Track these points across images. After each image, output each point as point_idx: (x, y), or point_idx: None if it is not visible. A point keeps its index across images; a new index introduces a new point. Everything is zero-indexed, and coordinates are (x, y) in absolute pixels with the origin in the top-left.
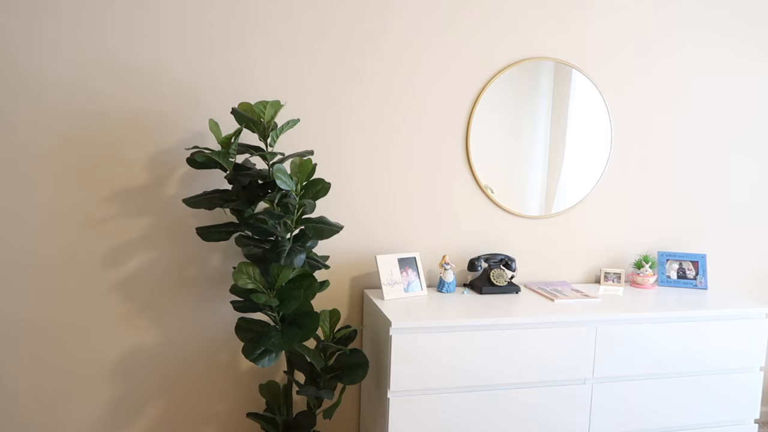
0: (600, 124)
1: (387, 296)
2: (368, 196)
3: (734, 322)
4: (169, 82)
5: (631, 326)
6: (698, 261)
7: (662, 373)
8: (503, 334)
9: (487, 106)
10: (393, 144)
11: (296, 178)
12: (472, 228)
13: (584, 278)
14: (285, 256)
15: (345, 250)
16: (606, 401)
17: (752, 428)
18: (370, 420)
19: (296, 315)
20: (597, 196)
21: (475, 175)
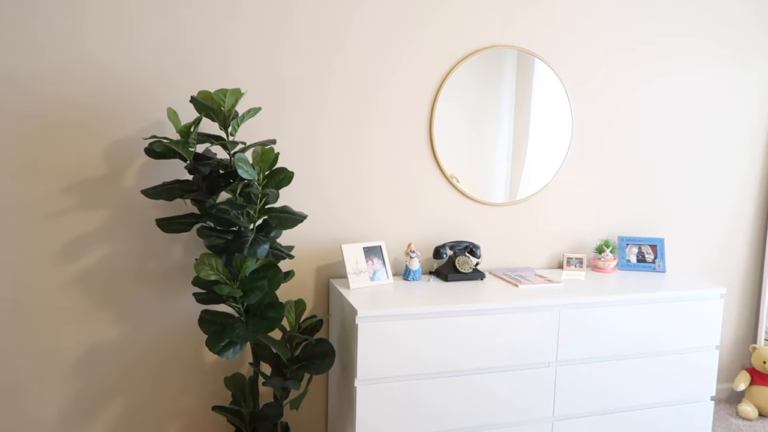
0: (561, 113)
1: (353, 285)
2: (333, 186)
3: (691, 303)
4: (125, 71)
5: (593, 309)
6: (657, 245)
7: (623, 355)
8: (469, 320)
9: (450, 96)
10: (357, 133)
11: (258, 167)
12: (437, 216)
13: (548, 264)
14: (248, 247)
15: (310, 240)
16: (569, 383)
17: (709, 405)
18: (337, 409)
19: (261, 306)
20: (559, 183)
21: (440, 164)
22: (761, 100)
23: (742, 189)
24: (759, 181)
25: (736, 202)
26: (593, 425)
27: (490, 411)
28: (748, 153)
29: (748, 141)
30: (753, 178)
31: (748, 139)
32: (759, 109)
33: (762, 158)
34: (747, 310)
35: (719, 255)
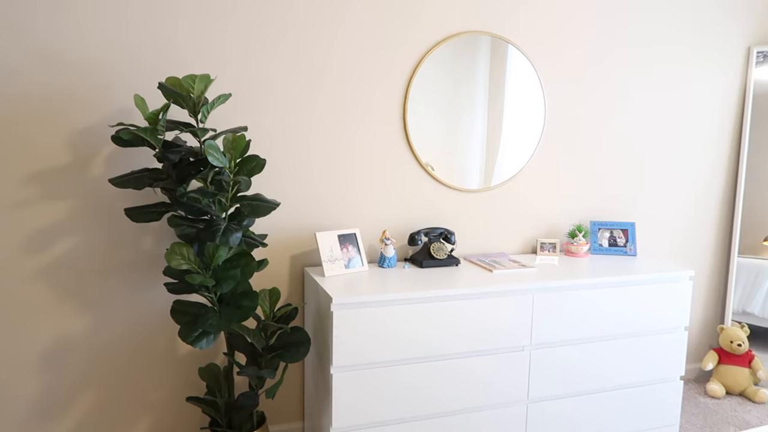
0: (534, 100)
1: (328, 273)
2: (306, 173)
3: (661, 285)
4: (90, 57)
5: (566, 293)
6: (628, 229)
7: (595, 337)
8: (444, 305)
9: (424, 83)
10: (330, 121)
11: (230, 154)
12: (412, 203)
13: (521, 249)
14: (220, 235)
15: (284, 228)
16: (543, 366)
17: (678, 384)
18: (314, 396)
19: (234, 295)
20: (532, 170)
21: (414, 152)
22: (726, 87)
23: (710, 174)
24: (725, 166)
25: (703, 187)
26: (566, 407)
27: (466, 395)
28: (714, 139)
29: (714, 128)
30: (719, 164)
31: (715, 126)
32: (724, 96)
33: (728, 144)
34: (714, 292)
35: (688, 238)
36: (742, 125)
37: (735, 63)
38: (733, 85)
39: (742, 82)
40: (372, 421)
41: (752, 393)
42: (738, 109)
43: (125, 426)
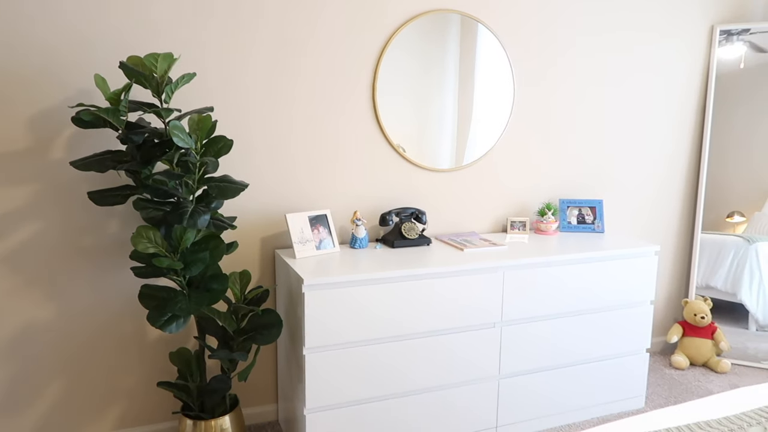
0: (504, 79)
1: (299, 255)
2: (276, 155)
3: (627, 261)
4: (47, 36)
5: (535, 270)
6: (596, 206)
7: (565, 312)
8: (415, 284)
9: (393, 64)
10: (299, 103)
11: (195, 135)
12: (383, 184)
13: (492, 228)
14: (188, 218)
15: (254, 210)
16: (514, 342)
17: (644, 357)
18: (287, 378)
19: (204, 278)
20: (502, 149)
21: (385, 133)
22: (690, 66)
23: (675, 153)
24: (689, 145)
25: (668, 165)
26: (537, 381)
27: (439, 372)
28: (679, 118)
29: (679, 107)
30: (684, 142)
31: (679, 105)
32: (688, 75)
33: (692, 123)
34: (679, 267)
35: (654, 215)
36: (705, 104)
37: (699, 42)
38: (697, 64)
39: (705, 61)
40: (346, 400)
41: (715, 363)
42: (702, 88)
43: (95, 413)
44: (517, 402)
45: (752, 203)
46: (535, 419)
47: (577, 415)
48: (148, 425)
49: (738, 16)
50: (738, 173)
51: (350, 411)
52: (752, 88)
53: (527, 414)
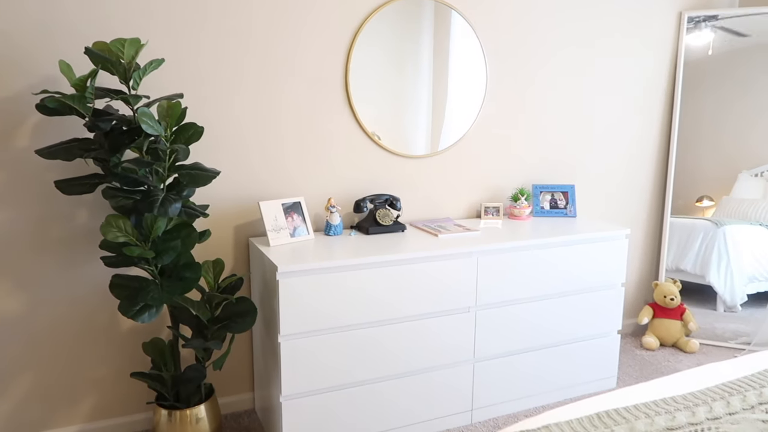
0: (477, 65)
1: (273, 242)
2: (248, 142)
3: (599, 244)
4: (10, 21)
5: (508, 255)
6: (568, 191)
7: (538, 296)
8: (390, 270)
9: (365, 52)
10: (271, 89)
11: (165, 122)
12: (358, 171)
13: (466, 214)
14: (158, 206)
15: (227, 198)
16: (488, 326)
17: (616, 338)
18: (263, 366)
19: (176, 267)
20: (475, 136)
21: (359, 121)
22: (659, 53)
23: (644, 138)
24: (659, 130)
25: (639, 151)
26: (511, 364)
27: (414, 357)
28: (648, 104)
29: (648, 93)
30: (653, 129)
31: (649, 91)
32: (657, 61)
33: (661, 109)
34: (649, 251)
35: (625, 200)
36: (674, 90)
37: (667, 29)
38: (666, 50)
39: (674, 47)
40: (322, 387)
41: (684, 344)
42: (670, 75)
43: (68, 405)
44: (492, 384)
45: (721, 187)
46: (510, 401)
47: (550, 396)
48: (122, 416)
49: (705, 3)
50: (707, 158)
51: (327, 397)
52: (720, 74)
53: (502, 396)
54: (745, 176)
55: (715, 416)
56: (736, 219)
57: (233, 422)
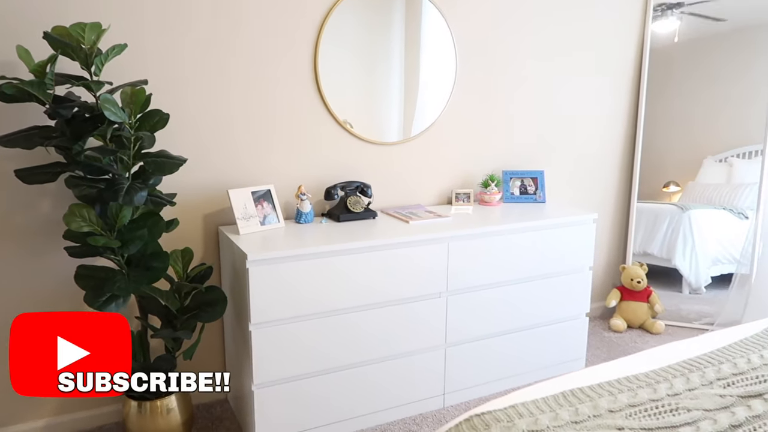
0: (447, 52)
1: (242, 231)
2: (217, 130)
3: (567, 229)
4: None
5: (479, 240)
6: (537, 177)
7: (508, 281)
8: (361, 257)
9: (336, 40)
10: (241, 77)
11: (129, 109)
12: (328, 159)
13: (437, 200)
14: (123, 194)
15: (194, 187)
16: (459, 311)
17: (584, 321)
18: (234, 355)
19: (143, 256)
20: (446, 122)
21: (329, 108)
22: (626, 40)
23: (612, 125)
24: (626, 118)
25: (607, 137)
26: (482, 348)
27: (386, 343)
28: (615, 91)
29: (615, 80)
30: (620, 116)
31: (616, 78)
32: (624, 48)
33: (628, 96)
34: (617, 235)
35: (593, 185)
36: (640, 78)
37: (634, 16)
38: (633, 38)
39: (640, 34)
40: (294, 374)
41: (650, 325)
42: (637, 62)
43: (35, 399)
44: (463, 369)
45: (687, 173)
46: (481, 385)
47: (520, 379)
48: (92, 409)
49: None
50: (673, 145)
51: (299, 385)
52: (686, 61)
53: (473, 380)
54: (710, 162)
55: (675, 392)
56: (701, 204)
57: (205, 412)
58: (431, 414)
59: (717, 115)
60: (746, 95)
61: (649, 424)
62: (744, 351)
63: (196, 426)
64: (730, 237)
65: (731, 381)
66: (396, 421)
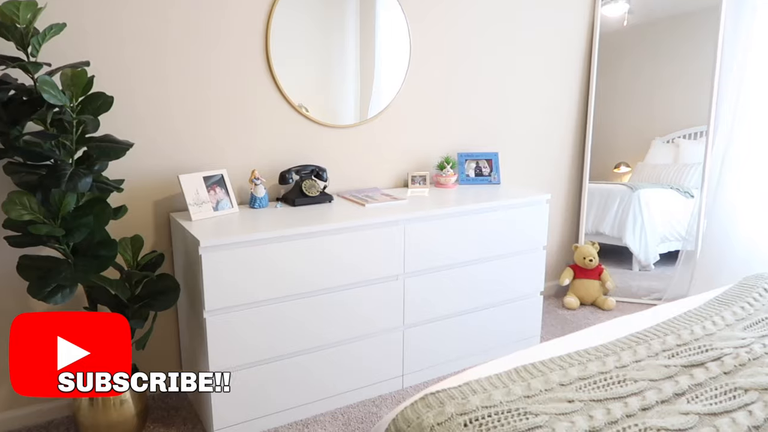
0: (401, 33)
1: (195, 217)
2: (165, 114)
3: (521, 209)
4: None
5: (435, 222)
6: (492, 159)
7: (464, 261)
8: (317, 241)
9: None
10: (191, 60)
11: (70, 92)
12: (284, 143)
13: (394, 183)
14: (66, 181)
15: (144, 172)
16: (417, 293)
17: (539, 300)
18: (189, 343)
19: (90, 245)
20: (401, 105)
21: (282, 91)
22: (576, 23)
23: (564, 107)
24: (577, 100)
25: (559, 119)
26: (440, 329)
27: (345, 327)
28: (567, 74)
29: (566, 63)
30: (572, 98)
31: (567, 61)
32: (575, 32)
33: (579, 79)
34: (570, 215)
35: (546, 166)
36: (591, 61)
37: (584, 1)
38: (583, 22)
39: (590, 18)
40: (251, 361)
41: (602, 302)
42: (587, 45)
43: None
44: (422, 350)
45: (636, 154)
46: (439, 365)
47: (477, 358)
48: (41, 403)
49: None
50: (623, 127)
51: (256, 371)
52: (634, 45)
53: (432, 360)
54: (658, 143)
55: (623, 364)
56: (650, 183)
57: (161, 402)
58: (391, 395)
59: (664, 97)
60: (692, 78)
61: (598, 395)
62: (687, 323)
63: (152, 417)
64: (677, 215)
65: (675, 352)
66: (356, 403)
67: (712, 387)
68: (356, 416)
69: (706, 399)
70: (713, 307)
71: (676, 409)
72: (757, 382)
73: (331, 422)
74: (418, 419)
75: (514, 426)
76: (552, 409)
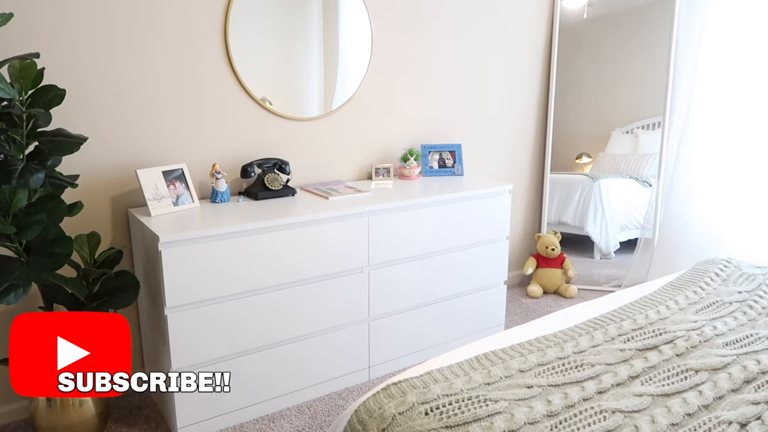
0: (362, 25)
1: (154, 212)
2: (121, 106)
3: (484, 200)
4: None
5: (398, 214)
6: (455, 150)
7: (428, 253)
8: (280, 235)
9: (249, 16)
10: (148, 52)
11: (19, 84)
12: (246, 136)
13: (358, 176)
14: (17, 177)
15: (100, 167)
16: (382, 284)
17: (502, 289)
18: (151, 340)
19: (44, 242)
20: (365, 97)
21: (243, 85)
22: (537, 15)
23: (525, 98)
24: (538, 90)
25: (520, 110)
26: (405, 320)
27: (311, 320)
28: (527, 65)
29: (527, 55)
30: (534, 89)
31: (528, 52)
32: (535, 24)
33: (539, 70)
34: (533, 205)
35: (508, 157)
36: (551, 52)
37: None
38: (544, 13)
39: (550, 10)
40: (214, 357)
41: (564, 290)
42: (548, 37)
43: None
44: (388, 341)
45: (597, 144)
46: (405, 356)
47: (443, 348)
48: None
49: None
50: (584, 118)
51: (220, 368)
52: (594, 37)
53: (398, 352)
54: (618, 134)
55: (580, 350)
56: (610, 173)
57: (123, 402)
58: (357, 387)
59: (623, 88)
60: (649, 69)
61: (556, 380)
62: (643, 308)
63: (113, 417)
64: (636, 204)
65: (631, 336)
66: (322, 396)
67: (665, 369)
68: (323, 409)
69: (659, 381)
70: (667, 292)
71: (630, 391)
72: (707, 363)
73: (297, 416)
74: (380, 409)
75: (475, 413)
76: (511, 395)
